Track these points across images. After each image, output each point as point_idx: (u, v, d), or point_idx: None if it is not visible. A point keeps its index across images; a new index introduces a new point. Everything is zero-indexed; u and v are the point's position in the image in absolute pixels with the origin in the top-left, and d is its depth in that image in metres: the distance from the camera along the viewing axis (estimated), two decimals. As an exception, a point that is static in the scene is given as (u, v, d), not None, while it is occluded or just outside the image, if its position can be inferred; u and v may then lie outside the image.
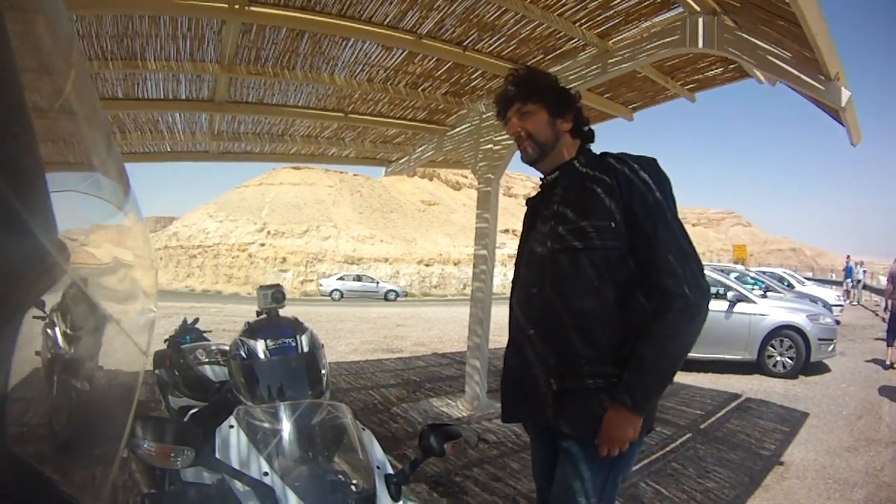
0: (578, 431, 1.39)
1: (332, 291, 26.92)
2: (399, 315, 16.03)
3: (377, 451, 1.43)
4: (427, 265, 39.58)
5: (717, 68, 4.18)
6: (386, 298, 27.49)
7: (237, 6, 3.17)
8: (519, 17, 3.49)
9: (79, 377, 2.99)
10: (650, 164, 1.43)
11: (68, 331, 3.19)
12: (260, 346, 1.70)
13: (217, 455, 1.35)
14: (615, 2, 3.30)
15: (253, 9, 3.25)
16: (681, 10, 3.20)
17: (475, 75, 4.42)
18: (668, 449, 3.91)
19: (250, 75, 4.21)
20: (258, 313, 1.97)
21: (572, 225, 1.42)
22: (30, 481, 0.48)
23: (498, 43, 3.87)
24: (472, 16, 3.50)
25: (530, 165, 1.57)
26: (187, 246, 38.56)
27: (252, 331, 1.78)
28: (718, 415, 4.93)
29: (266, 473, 1.28)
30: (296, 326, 1.83)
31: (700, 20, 3.06)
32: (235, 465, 1.31)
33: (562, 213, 1.46)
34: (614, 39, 3.70)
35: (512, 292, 1.62)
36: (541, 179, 1.61)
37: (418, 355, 8.23)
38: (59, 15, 0.50)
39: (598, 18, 3.47)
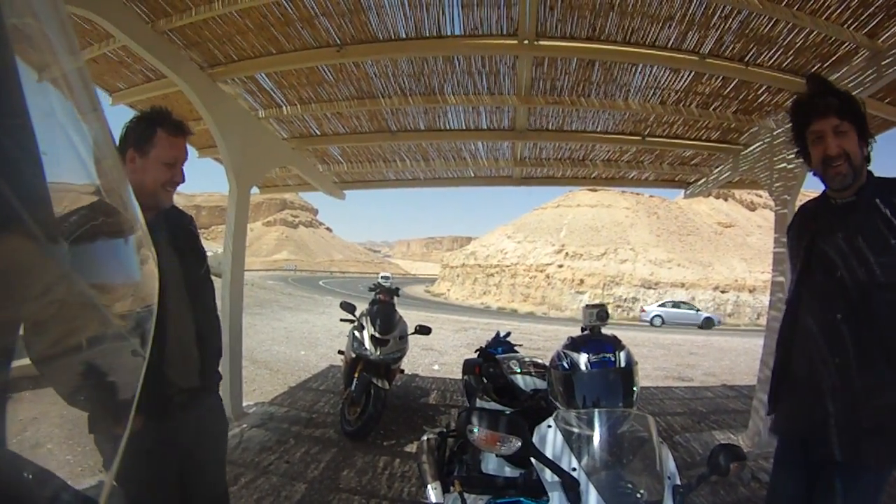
0: (870, 462, 1.43)
1: (654, 317, 27.77)
2: (692, 343, 15.62)
3: (670, 464, 1.50)
4: (723, 292, 35.71)
5: None
6: (700, 327, 26.32)
7: (526, 41, 3.43)
8: (791, 27, 3.40)
9: (380, 376, 3.62)
10: None
11: (377, 334, 3.94)
12: (582, 359, 1.80)
13: None
14: (873, -5, 3.02)
15: (542, 43, 3.48)
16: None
17: (761, 91, 4.27)
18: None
19: (548, 104, 4.49)
20: (582, 329, 2.09)
21: (886, 258, 1.39)
22: (36, 481, 0.52)
23: (776, 55, 3.74)
24: (748, 30, 3.48)
25: (839, 190, 1.54)
26: (485, 265, 43.10)
27: (575, 344, 1.89)
28: None
29: (574, 469, 1.43)
30: (615, 343, 1.89)
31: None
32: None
33: (871, 241, 1.43)
34: (883, 38, 3.40)
35: (790, 316, 1.66)
36: (831, 200, 1.57)
37: (707, 385, 7.95)
38: (60, 18, 0.52)
39: (862, 17, 3.27)
